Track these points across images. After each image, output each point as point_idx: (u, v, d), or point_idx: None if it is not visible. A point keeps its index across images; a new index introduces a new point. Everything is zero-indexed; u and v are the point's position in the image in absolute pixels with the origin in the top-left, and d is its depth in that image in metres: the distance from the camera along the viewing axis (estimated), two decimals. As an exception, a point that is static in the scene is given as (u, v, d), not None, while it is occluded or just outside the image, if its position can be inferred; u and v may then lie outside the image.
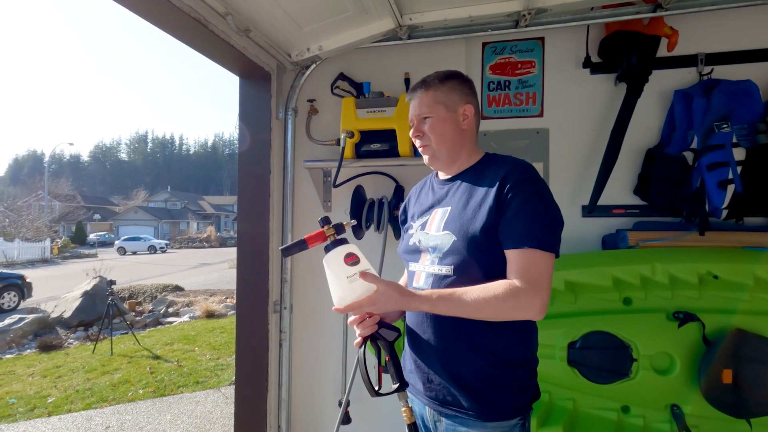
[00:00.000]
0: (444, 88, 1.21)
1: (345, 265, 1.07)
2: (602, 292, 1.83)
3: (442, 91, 1.21)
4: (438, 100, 1.21)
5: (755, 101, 1.82)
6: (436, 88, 1.21)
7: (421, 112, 1.22)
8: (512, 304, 1.01)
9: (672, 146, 1.97)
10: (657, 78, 2.02)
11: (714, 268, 1.73)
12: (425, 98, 1.21)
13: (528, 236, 1.04)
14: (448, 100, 1.21)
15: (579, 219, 2.16)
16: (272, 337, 2.35)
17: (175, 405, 4.10)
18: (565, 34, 2.16)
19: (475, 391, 1.11)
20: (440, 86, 1.21)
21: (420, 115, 1.22)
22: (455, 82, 1.23)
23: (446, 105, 1.21)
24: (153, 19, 1.73)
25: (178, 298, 9.42)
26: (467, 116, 1.23)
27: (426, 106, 1.21)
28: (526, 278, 1.02)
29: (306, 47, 2.23)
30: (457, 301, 1.04)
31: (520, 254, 1.04)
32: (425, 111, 1.21)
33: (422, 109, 1.21)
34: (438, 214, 1.21)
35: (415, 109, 1.23)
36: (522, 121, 2.25)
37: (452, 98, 1.21)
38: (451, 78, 1.23)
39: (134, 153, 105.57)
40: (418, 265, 1.22)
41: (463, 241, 1.11)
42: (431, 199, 1.28)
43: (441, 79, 1.22)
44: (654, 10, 1.88)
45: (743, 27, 1.98)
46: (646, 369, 1.75)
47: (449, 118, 1.21)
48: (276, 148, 2.37)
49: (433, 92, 1.21)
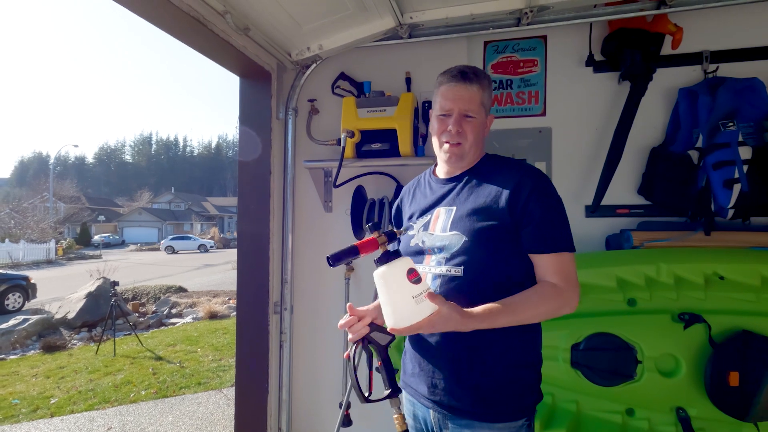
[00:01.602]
0: (488, 91, 1.18)
1: (409, 282, 0.99)
2: (606, 293, 1.81)
3: (487, 93, 1.18)
4: (483, 103, 1.17)
5: (761, 99, 1.79)
6: (484, 89, 1.16)
7: (470, 108, 1.15)
8: (560, 303, 1.08)
9: (677, 145, 1.95)
10: (661, 76, 2.00)
11: (720, 269, 1.70)
12: (476, 95, 1.15)
13: (560, 241, 1.10)
14: (488, 103, 1.19)
15: (582, 219, 2.13)
16: (273, 339, 2.34)
17: (177, 406, 4.09)
18: (567, 32, 2.14)
19: (483, 393, 1.09)
20: (487, 87, 1.18)
21: (466, 111, 1.15)
22: (491, 87, 1.21)
23: (486, 108, 1.19)
24: (152, 19, 1.72)
25: (181, 299, 9.43)
26: (489, 124, 1.24)
27: (476, 103, 1.15)
28: (566, 279, 1.09)
29: (306, 46, 2.22)
30: (514, 312, 1.05)
31: (556, 258, 1.09)
32: (474, 109, 1.15)
33: (471, 105, 1.15)
34: (442, 214, 1.18)
35: (462, 101, 1.14)
36: (524, 120, 2.23)
37: (489, 103, 1.20)
38: (491, 82, 1.21)
39: (138, 155, 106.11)
40: (422, 267, 1.19)
41: (474, 241, 1.09)
42: (431, 198, 1.25)
43: (489, 80, 1.19)
44: (658, 7, 1.85)
45: (749, 24, 1.95)
46: (651, 371, 1.72)
47: (484, 124, 1.19)
48: (276, 148, 2.35)
49: (481, 92, 1.15)
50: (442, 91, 1.17)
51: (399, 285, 0.99)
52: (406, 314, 0.99)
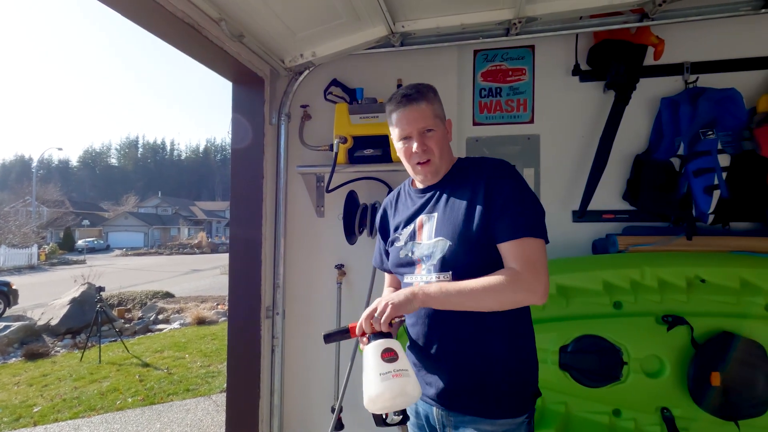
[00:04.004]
0: (437, 101, 1.21)
1: (381, 361, 1.01)
2: (593, 296, 1.85)
3: (437, 103, 1.21)
4: (436, 114, 1.19)
5: (739, 109, 1.87)
6: (432, 101, 1.19)
7: (426, 125, 1.17)
8: (517, 286, 1.04)
9: (660, 152, 2.01)
10: (644, 86, 2.07)
11: (701, 272, 1.76)
12: (427, 111, 1.17)
13: (519, 227, 1.07)
14: (441, 113, 1.22)
15: (569, 224, 2.19)
16: (264, 343, 2.33)
17: (165, 413, 4.04)
18: (555, 42, 2.20)
19: (485, 391, 1.12)
20: (435, 99, 1.20)
21: (423, 128, 1.17)
22: (438, 96, 1.23)
23: (441, 118, 1.21)
24: (146, 25, 1.73)
25: (168, 305, 9.30)
26: (449, 129, 1.25)
27: (430, 118, 1.17)
28: (525, 263, 1.05)
29: (299, 53, 2.24)
30: (463, 292, 1.05)
31: (515, 244, 1.07)
32: (430, 123, 1.17)
33: (426, 121, 1.17)
34: (425, 222, 1.21)
35: (417, 121, 1.16)
36: (513, 127, 2.28)
37: (442, 112, 1.23)
38: (436, 92, 1.23)
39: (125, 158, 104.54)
40: (414, 277, 1.21)
41: (458, 244, 1.11)
42: (412, 208, 1.27)
43: (433, 91, 1.21)
44: (641, 20, 1.92)
45: (727, 36, 2.04)
46: (636, 372, 1.77)
47: (444, 131, 1.21)
48: (269, 154, 2.37)
49: (431, 105, 1.18)
50: (396, 118, 1.19)
51: (372, 362, 1.02)
52: (373, 392, 0.99)
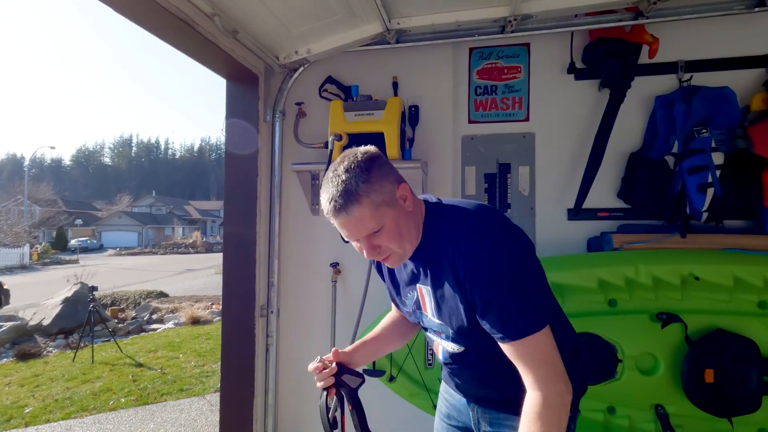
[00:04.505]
0: (373, 190, 0.94)
1: None
2: (588, 294, 1.86)
3: (374, 193, 0.94)
4: (376, 209, 0.94)
5: (733, 107, 1.88)
6: (364, 200, 0.93)
7: (368, 230, 0.96)
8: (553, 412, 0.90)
9: (654, 151, 2.02)
10: (639, 84, 2.07)
11: (695, 270, 1.76)
12: (364, 214, 0.94)
13: (508, 328, 0.93)
14: (383, 198, 0.95)
15: (564, 222, 2.19)
16: (259, 342, 2.32)
17: (159, 413, 4.01)
18: (550, 40, 2.20)
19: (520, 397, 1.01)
20: (368, 192, 0.93)
21: (366, 233, 0.96)
22: (375, 168, 0.96)
23: (387, 204, 0.96)
24: (138, 20, 1.71)
25: (162, 305, 9.24)
26: (405, 195, 1.00)
27: (369, 220, 0.95)
28: (536, 375, 0.92)
29: (294, 50, 2.23)
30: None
31: (512, 349, 0.94)
32: (372, 226, 0.95)
33: (367, 226, 0.95)
34: (424, 294, 1.10)
35: (357, 230, 0.96)
36: (508, 125, 2.28)
37: (386, 189, 0.96)
38: (370, 166, 0.95)
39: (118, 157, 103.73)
40: (433, 336, 1.17)
41: (459, 331, 1.05)
42: (405, 273, 1.15)
43: (363, 178, 0.93)
44: (635, 18, 1.93)
45: (720, 35, 2.05)
46: (631, 369, 1.77)
47: (395, 216, 0.97)
48: (263, 151, 2.35)
49: (365, 206, 0.93)
50: (334, 223, 0.98)
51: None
52: None
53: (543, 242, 2.21)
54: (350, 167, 0.95)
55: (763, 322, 1.74)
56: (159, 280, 14.47)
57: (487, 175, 2.29)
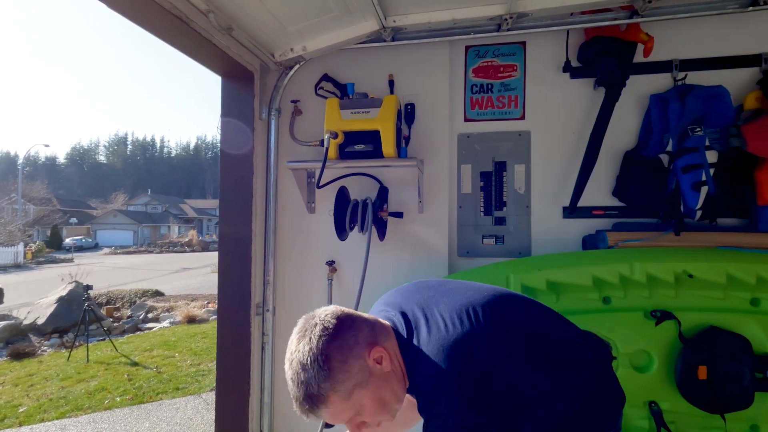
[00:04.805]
0: (338, 378, 0.89)
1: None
2: (583, 292, 1.86)
3: (340, 382, 0.89)
4: (348, 390, 0.90)
5: (727, 106, 1.89)
6: (333, 390, 0.89)
7: (346, 417, 0.94)
8: None
9: (649, 149, 2.03)
10: (634, 83, 2.08)
11: (689, 267, 1.78)
12: (335, 408, 0.91)
13: None
14: (354, 379, 0.90)
15: (560, 220, 2.20)
16: (254, 341, 2.31)
17: (154, 412, 4.00)
18: (545, 38, 2.20)
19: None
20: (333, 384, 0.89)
21: (347, 420, 0.95)
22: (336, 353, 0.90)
23: (359, 384, 0.91)
24: (132, 17, 1.70)
25: (158, 304, 9.21)
26: (380, 357, 0.94)
27: (342, 413, 0.92)
28: None
29: (290, 47, 2.22)
30: None
31: None
32: (348, 414, 0.93)
33: (342, 416, 0.93)
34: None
35: (334, 421, 0.94)
36: (504, 123, 2.28)
37: (354, 371, 0.90)
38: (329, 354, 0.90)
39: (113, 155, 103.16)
40: None
41: None
42: None
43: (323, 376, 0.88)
44: (630, 17, 1.93)
45: (715, 34, 2.06)
46: (625, 367, 1.79)
47: (372, 385, 0.92)
48: (259, 149, 2.34)
49: (335, 396, 0.89)
50: None
51: None
52: None
53: (538, 240, 2.21)
54: (306, 363, 0.88)
55: (756, 320, 1.76)
56: (155, 278, 14.42)
57: (482, 174, 2.29)
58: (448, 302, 1.00)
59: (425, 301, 1.04)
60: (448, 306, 0.98)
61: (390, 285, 2.14)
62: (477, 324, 0.93)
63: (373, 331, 0.97)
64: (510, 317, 1.00)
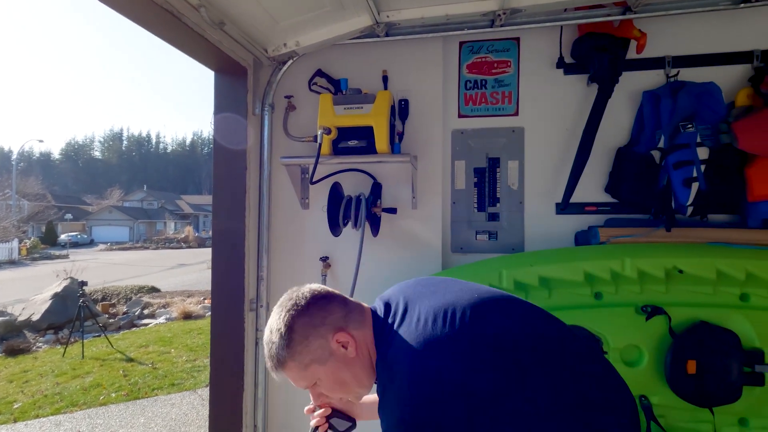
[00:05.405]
0: (297, 349, 0.96)
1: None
2: (575, 287, 1.88)
3: (297, 353, 0.97)
4: (305, 363, 0.98)
5: (718, 103, 1.90)
6: (291, 358, 0.97)
7: (303, 384, 1.02)
8: None
9: (641, 145, 2.04)
10: (627, 79, 2.08)
11: (679, 263, 1.79)
12: (292, 373, 1.00)
13: None
14: (312, 354, 0.97)
15: (552, 216, 2.21)
16: (248, 336, 2.32)
17: (149, 408, 4.00)
18: (539, 34, 2.20)
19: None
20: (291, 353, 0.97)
21: (305, 387, 1.03)
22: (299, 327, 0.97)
23: (316, 360, 0.97)
24: (123, 10, 1.68)
25: (153, 300, 9.20)
26: (345, 342, 0.98)
27: (302, 379, 1.01)
28: None
29: (283, 42, 2.21)
30: None
31: None
32: (305, 383, 1.02)
33: (300, 383, 1.02)
34: None
35: (295, 383, 1.03)
36: (498, 119, 2.28)
37: (313, 347, 0.97)
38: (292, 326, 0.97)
39: (108, 151, 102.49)
40: None
41: None
42: None
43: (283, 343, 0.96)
44: (623, 13, 1.93)
45: (707, 31, 2.06)
46: (616, 361, 1.80)
47: (331, 365, 0.98)
48: (252, 144, 2.33)
49: (292, 363, 0.98)
50: None
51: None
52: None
53: (531, 236, 2.22)
54: (275, 328, 0.98)
55: (745, 315, 1.77)
56: (151, 275, 14.38)
57: (476, 170, 2.29)
58: (434, 300, 0.98)
59: (414, 296, 1.03)
60: (432, 304, 0.97)
61: (384, 281, 2.15)
62: (449, 326, 0.91)
63: (347, 317, 1.01)
64: (492, 323, 0.94)
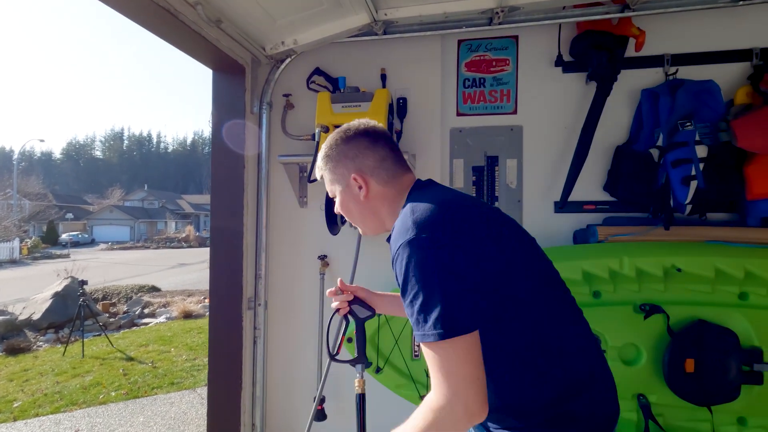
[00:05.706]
0: (329, 165, 1.11)
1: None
2: (573, 286, 1.84)
3: (328, 168, 1.12)
4: (330, 179, 1.12)
5: (717, 101, 1.89)
6: (325, 165, 1.12)
7: (328, 192, 1.16)
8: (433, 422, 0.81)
9: (639, 143, 2.03)
10: (625, 77, 2.07)
11: (678, 262, 1.79)
12: (326, 179, 1.14)
13: (419, 328, 0.84)
14: (335, 175, 1.11)
15: (551, 214, 2.20)
16: (246, 335, 2.32)
17: (149, 407, 4.00)
18: (538, 32, 2.19)
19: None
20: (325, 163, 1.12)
21: (330, 194, 1.16)
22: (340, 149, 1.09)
23: (337, 181, 1.11)
24: (120, 8, 1.68)
25: (154, 299, 9.20)
26: (360, 185, 1.07)
27: (326, 185, 1.15)
28: (434, 378, 0.83)
29: (281, 40, 2.21)
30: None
31: (425, 350, 0.85)
32: (329, 191, 1.15)
33: (329, 189, 1.15)
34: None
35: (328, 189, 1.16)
36: (496, 118, 2.28)
37: (338, 172, 1.10)
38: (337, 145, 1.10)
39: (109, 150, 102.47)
40: None
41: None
42: None
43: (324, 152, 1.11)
44: (622, 11, 1.93)
45: (706, 29, 2.05)
46: (614, 360, 1.80)
47: (346, 195, 1.10)
48: (250, 143, 2.33)
49: (324, 171, 1.13)
50: None
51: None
52: None
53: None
54: (326, 143, 1.12)
55: (743, 313, 1.77)
56: (151, 274, 14.37)
57: (475, 168, 2.29)
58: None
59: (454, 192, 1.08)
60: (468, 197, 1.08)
61: (382, 279, 2.14)
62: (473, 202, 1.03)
63: (375, 169, 1.07)
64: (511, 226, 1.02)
